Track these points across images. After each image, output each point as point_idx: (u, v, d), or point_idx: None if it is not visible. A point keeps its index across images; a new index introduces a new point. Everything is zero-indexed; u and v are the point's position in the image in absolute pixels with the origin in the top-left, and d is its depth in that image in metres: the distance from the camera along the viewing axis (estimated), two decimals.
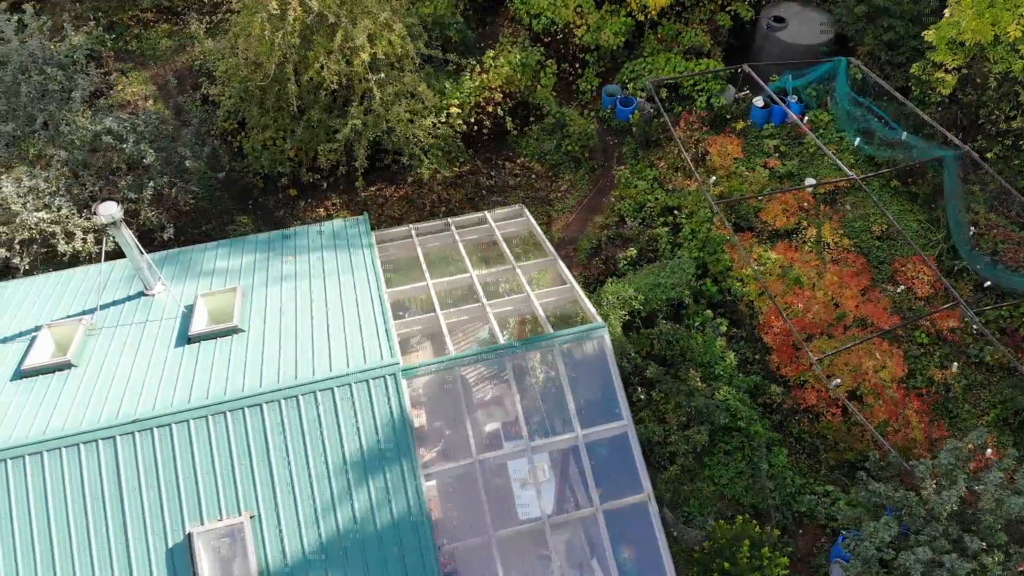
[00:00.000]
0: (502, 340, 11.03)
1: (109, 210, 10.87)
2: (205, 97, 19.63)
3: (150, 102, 18.56)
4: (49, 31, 17.98)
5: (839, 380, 15.17)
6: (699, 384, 14.73)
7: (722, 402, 14.74)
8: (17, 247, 14.33)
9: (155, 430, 9.68)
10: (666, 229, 17.81)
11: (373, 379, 10.16)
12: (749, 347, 16.43)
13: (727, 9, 21.23)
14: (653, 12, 20.44)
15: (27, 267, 14.44)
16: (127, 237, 11.28)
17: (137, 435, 9.65)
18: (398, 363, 10.31)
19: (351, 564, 9.46)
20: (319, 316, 11.37)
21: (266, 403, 9.87)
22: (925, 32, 17.99)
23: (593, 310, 11.28)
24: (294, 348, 10.69)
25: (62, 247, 14.33)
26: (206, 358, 10.63)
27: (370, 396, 10.11)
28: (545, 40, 21.08)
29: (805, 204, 18.37)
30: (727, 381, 15.34)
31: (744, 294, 16.77)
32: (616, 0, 20.94)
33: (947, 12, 17.66)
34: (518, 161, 20.18)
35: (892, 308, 16.66)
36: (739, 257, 17.03)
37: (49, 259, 15.04)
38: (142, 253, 11.68)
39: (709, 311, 16.47)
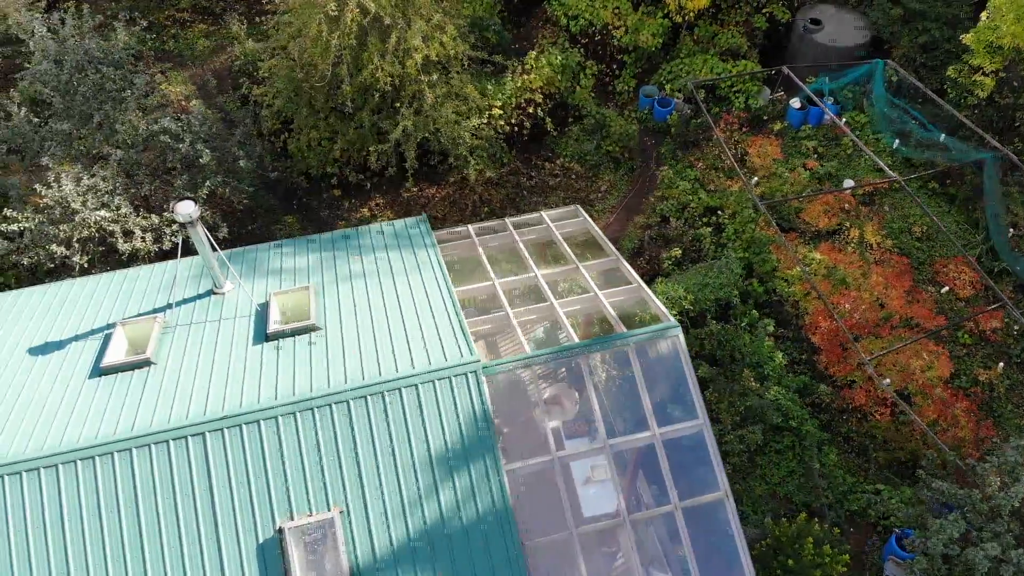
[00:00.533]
0: (576, 339, 11.13)
1: (187, 209, 10.95)
2: (245, 97, 19.74)
3: (193, 102, 18.64)
4: (91, 30, 18.06)
5: (888, 380, 15.32)
6: (753, 384, 14.86)
7: (773, 401, 14.88)
8: (76, 245, 14.41)
9: (244, 426, 9.76)
10: (709, 229, 17.94)
11: (455, 376, 10.26)
12: (795, 347, 16.57)
13: (763, 11, 21.39)
14: (691, 14, 20.58)
15: (84, 265, 14.52)
16: (202, 235, 11.37)
17: (226, 431, 9.74)
18: (479, 360, 10.42)
19: (438, 558, 9.56)
20: (393, 314, 11.47)
21: (352, 399, 9.96)
22: (964, 36, 18.16)
23: (664, 309, 11.39)
24: (373, 345, 10.79)
25: (121, 245, 14.42)
26: (286, 355, 10.72)
27: (453, 393, 10.21)
28: (582, 41, 21.22)
29: (846, 205, 18.51)
30: (776, 381, 15.48)
31: (789, 294, 16.91)
32: (653, 2, 21.10)
33: (984, 16, 17.86)
34: (557, 162, 20.31)
35: (935, 309, 16.82)
36: (785, 257, 17.17)
37: (104, 257, 15.13)
38: (215, 250, 11.77)
39: (755, 311, 16.60)
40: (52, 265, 14.50)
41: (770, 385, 15.21)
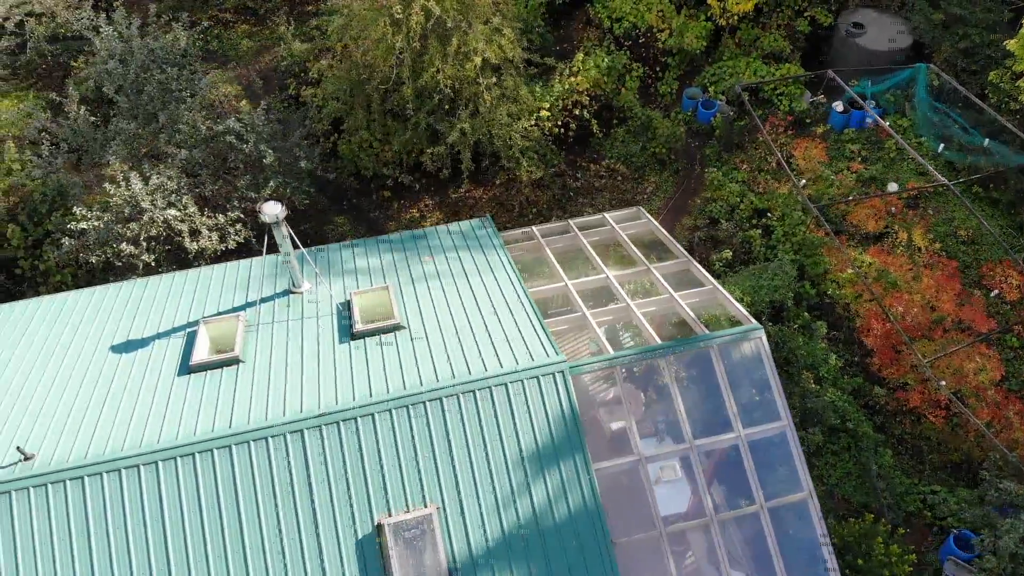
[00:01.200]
0: (657, 340, 11.27)
1: (274, 209, 11.10)
2: (296, 98, 19.86)
3: (243, 102, 18.77)
4: (156, 29, 18.18)
5: (944, 382, 15.46)
6: (813, 386, 15.00)
7: (831, 403, 15.02)
8: (144, 244, 14.54)
9: (341, 423, 9.91)
10: (759, 231, 18.08)
11: (543, 376, 10.41)
12: (847, 349, 16.71)
13: (805, 15, 21.51)
14: (734, 17, 20.72)
15: (152, 263, 14.65)
16: (286, 235, 11.50)
17: (324, 428, 9.88)
18: (565, 360, 10.56)
19: (532, 555, 9.70)
20: (473, 315, 11.61)
21: (445, 397, 10.11)
22: (1007, 42, 18.28)
23: (744, 311, 11.54)
24: (459, 345, 10.93)
25: (189, 244, 14.55)
26: (375, 354, 10.86)
27: (541, 392, 10.36)
28: (626, 44, 21.35)
29: (892, 208, 18.65)
30: (832, 383, 15.62)
31: (840, 297, 17.05)
32: (695, 4, 21.23)
33: None
34: (603, 163, 20.45)
35: (985, 311, 16.96)
36: (837, 260, 17.31)
37: (168, 256, 15.24)
38: (297, 248, 11.90)
39: (807, 313, 16.74)
40: (120, 264, 14.62)
41: (826, 387, 15.35)
